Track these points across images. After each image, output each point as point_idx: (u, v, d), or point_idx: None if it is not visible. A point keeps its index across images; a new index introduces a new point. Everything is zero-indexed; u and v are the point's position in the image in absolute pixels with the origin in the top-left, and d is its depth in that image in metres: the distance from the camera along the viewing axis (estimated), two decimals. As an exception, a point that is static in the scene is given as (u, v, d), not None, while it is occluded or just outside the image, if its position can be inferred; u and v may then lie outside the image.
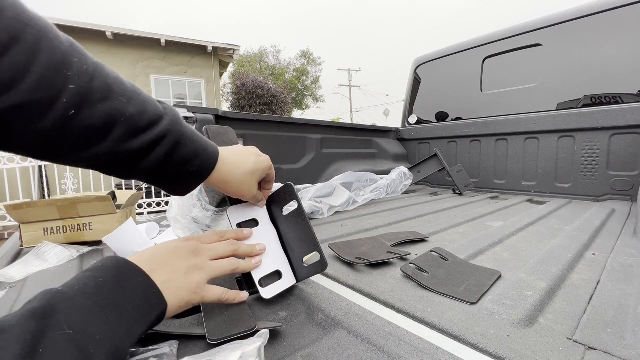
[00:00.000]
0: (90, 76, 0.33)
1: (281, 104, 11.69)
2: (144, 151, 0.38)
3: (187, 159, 0.42)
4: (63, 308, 0.28)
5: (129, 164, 0.38)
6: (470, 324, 0.47)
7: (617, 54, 1.56)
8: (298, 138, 1.82)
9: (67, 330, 0.26)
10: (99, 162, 0.37)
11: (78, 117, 0.32)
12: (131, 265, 0.37)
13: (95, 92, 0.33)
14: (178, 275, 0.40)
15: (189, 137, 0.42)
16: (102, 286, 0.32)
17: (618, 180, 1.58)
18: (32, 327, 0.24)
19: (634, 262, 0.73)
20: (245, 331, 0.43)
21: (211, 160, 0.46)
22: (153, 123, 0.38)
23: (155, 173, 0.41)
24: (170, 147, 0.40)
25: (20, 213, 0.90)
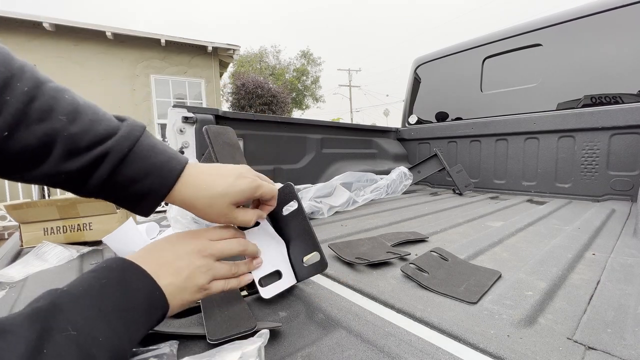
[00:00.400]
0: (30, 97, 0.33)
1: (281, 104, 11.69)
2: (85, 171, 0.36)
3: (135, 179, 0.39)
4: (68, 309, 0.28)
5: (78, 183, 0.38)
6: (470, 324, 0.47)
7: (617, 54, 1.56)
8: (298, 138, 1.82)
9: (71, 332, 0.26)
10: (49, 181, 0.37)
11: (12, 137, 0.32)
12: (135, 268, 0.36)
13: (32, 114, 0.33)
14: (183, 278, 0.39)
15: (139, 154, 0.39)
16: (106, 288, 0.32)
17: (618, 180, 1.58)
18: (37, 328, 0.25)
19: (634, 262, 0.73)
20: (245, 331, 0.43)
21: (167, 180, 0.41)
22: (97, 142, 0.36)
23: (107, 192, 0.40)
24: (112, 166, 0.37)
25: (20, 213, 0.90)
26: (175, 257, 0.41)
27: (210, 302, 0.51)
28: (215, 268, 0.43)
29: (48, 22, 6.04)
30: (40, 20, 5.99)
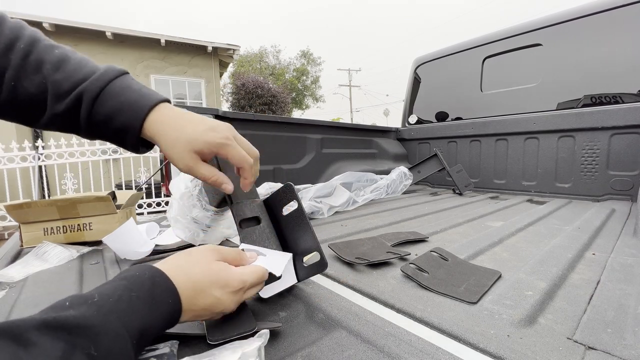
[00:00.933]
0: (25, 53, 0.40)
1: (281, 104, 11.68)
2: (70, 111, 0.42)
3: (110, 115, 0.43)
4: (94, 325, 0.27)
5: (73, 124, 0.43)
6: (470, 324, 0.47)
7: (617, 54, 1.56)
8: (298, 138, 1.82)
9: (92, 352, 0.26)
10: (55, 125, 0.44)
11: (18, 87, 0.40)
12: (166, 283, 0.36)
13: (28, 66, 0.40)
14: (215, 305, 0.40)
15: (112, 93, 0.42)
16: (135, 304, 0.32)
17: (618, 180, 1.58)
18: (61, 346, 0.24)
19: (634, 262, 0.73)
20: (245, 332, 0.43)
21: (137, 114, 0.43)
22: (75, 85, 0.41)
23: (96, 130, 0.44)
24: (88, 105, 0.41)
25: (20, 213, 0.90)
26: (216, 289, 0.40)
27: None
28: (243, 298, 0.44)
29: (48, 22, 6.05)
30: (40, 20, 5.99)
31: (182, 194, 0.75)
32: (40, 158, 4.17)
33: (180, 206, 0.75)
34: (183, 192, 0.75)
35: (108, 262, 0.79)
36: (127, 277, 0.35)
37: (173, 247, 0.87)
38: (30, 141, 4.78)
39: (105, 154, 4.55)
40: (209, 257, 0.43)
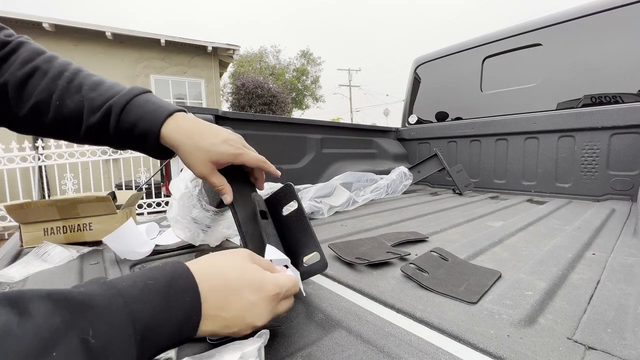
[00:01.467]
0: (70, 79, 0.50)
1: (281, 104, 11.68)
2: (102, 122, 0.50)
3: (134, 123, 0.50)
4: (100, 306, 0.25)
5: (104, 135, 0.51)
6: (470, 324, 0.47)
7: (617, 53, 1.56)
8: (298, 138, 1.82)
9: (90, 339, 0.23)
10: (90, 138, 0.52)
11: (62, 105, 0.49)
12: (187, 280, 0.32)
13: (71, 88, 0.50)
14: (248, 312, 0.36)
15: (135, 105, 0.50)
16: (148, 293, 0.29)
17: (618, 180, 1.58)
18: (55, 322, 0.22)
19: (634, 262, 0.73)
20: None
21: (156, 121, 0.50)
22: (106, 101, 0.50)
23: (123, 138, 0.51)
24: (116, 115, 0.49)
25: (20, 213, 0.90)
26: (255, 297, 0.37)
27: None
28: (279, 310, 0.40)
29: (48, 22, 6.05)
30: (40, 21, 5.99)
31: (182, 194, 0.75)
32: (40, 158, 4.17)
33: (180, 206, 0.75)
34: (183, 193, 0.75)
35: (108, 262, 0.79)
36: (149, 267, 0.32)
37: (173, 247, 0.87)
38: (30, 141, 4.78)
39: (105, 154, 4.55)
40: (245, 257, 0.40)
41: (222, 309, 0.34)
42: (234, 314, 0.35)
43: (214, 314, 0.33)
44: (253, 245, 0.56)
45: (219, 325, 0.34)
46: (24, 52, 0.50)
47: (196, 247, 0.87)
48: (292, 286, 0.42)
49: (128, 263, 0.78)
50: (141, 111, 0.50)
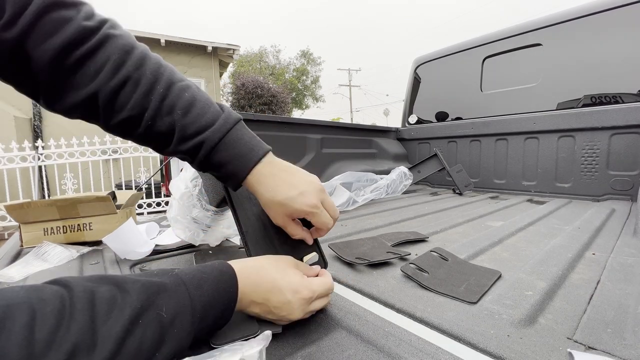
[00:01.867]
0: (163, 97, 0.46)
1: (281, 104, 11.68)
2: (191, 152, 0.49)
3: (222, 163, 0.49)
4: (171, 290, 0.34)
5: (191, 160, 0.51)
6: (470, 324, 0.47)
7: (617, 53, 1.56)
8: (298, 138, 1.82)
9: (162, 314, 0.31)
10: (178, 154, 0.51)
11: (154, 125, 0.47)
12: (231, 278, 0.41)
13: (164, 109, 0.46)
14: (285, 306, 0.44)
15: (227, 144, 0.49)
16: (204, 283, 0.37)
17: (618, 180, 1.58)
18: (143, 298, 0.31)
19: (634, 261, 0.73)
20: (248, 335, 0.43)
21: (243, 169, 0.50)
22: (199, 132, 0.47)
23: (206, 169, 0.52)
24: (206, 152, 0.48)
25: (20, 213, 0.90)
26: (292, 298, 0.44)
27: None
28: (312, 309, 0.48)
29: (48, 22, 6.03)
30: (40, 20, 5.98)
31: (182, 194, 0.75)
32: (40, 158, 4.17)
33: (180, 206, 0.75)
34: (183, 192, 0.75)
35: (108, 262, 0.79)
36: (203, 265, 0.41)
37: (173, 247, 0.87)
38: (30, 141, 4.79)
39: (105, 154, 4.55)
40: (289, 263, 0.49)
41: (265, 299, 0.43)
42: (274, 306, 0.43)
43: (259, 301, 0.43)
44: (253, 244, 0.56)
45: (261, 310, 0.43)
46: (113, 52, 0.43)
47: (196, 246, 0.86)
48: (325, 290, 0.48)
49: (128, 263, 0.78)
50: (232, 153, 0.49)
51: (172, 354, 0.32)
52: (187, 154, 0.49)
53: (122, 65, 0.44)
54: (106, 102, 0.44)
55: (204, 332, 0.37)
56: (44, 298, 0.26)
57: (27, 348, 0.22)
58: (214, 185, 0.74)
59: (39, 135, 5.84)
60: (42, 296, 0.26)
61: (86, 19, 0.42)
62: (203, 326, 0.36)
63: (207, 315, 0.36)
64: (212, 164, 0.50)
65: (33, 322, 0.23)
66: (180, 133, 0.47)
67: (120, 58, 0.43)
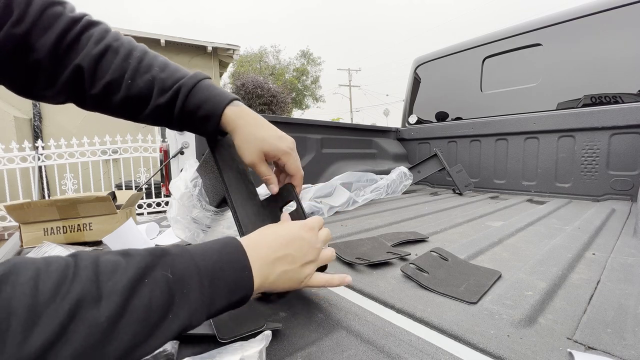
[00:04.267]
0: (140, 59, 0.52)
1: (281, 104, 11.68)
2: (170, 103, 0.53)
3: (199, 105, 0.53)
4: (175, 254, 0.34)
5: (168, 115, 0.54)
6: (470, 324, 0.47)
7: (617, 53, 1.56)
8: (298, 138, 1.81)
9: (168, 274, 0.31)
10: (153, 117, 0.55)
11: (133, 83, 0.51)
12: (236, 245, 0.40)
13: (142, 68, 0.52)
14: (295, 267, 0.44)
15: (201, 88, 0.54)
16: (207, 252, 0.37)
17: (618, 180, 1.58)
18: (148, 260, 0.31)
19: (634, 262, 0.73)
20: (255, 329, 0.43)
21: (220, 104, 0.54)
22: (176, 81, 0.53)
23: (185, 119, 0.55)
24: (184, 96, 0.53)
25: (20, 213, 0.90)
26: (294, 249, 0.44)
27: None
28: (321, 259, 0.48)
29: (48, 22, 6.03)
30: (40, 21, 5.98)
31: (182, 194, 0.75)
32: (40, 158, 4.17)
33: (180, 206, 0.75)
34: (183, 193, 0.75)
35: (108, 262, 0.79)
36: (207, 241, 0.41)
37: (173, 247, 0.87)
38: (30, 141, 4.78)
39: (105, 154, 4.55)
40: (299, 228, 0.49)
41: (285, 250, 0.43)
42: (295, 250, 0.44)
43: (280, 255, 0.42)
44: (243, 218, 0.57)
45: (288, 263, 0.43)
46: (94, 31, 0.50)
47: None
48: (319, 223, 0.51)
49: (128, 263, 0.78)
50: (207, 94, 0.54)
51: (187, 318, 0.31)
52: (167, 106, 0.53)
53: (102, 39, 0.50)
54: (90, 70, 0.50)
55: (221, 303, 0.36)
56: (49, 261, 0.27)
57: (32, 297, 0.23)
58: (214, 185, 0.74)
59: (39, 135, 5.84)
60: (47, 260, 0.27)
61: (71, 12, 0.50)
62: (216, 294, 0.35)
63: (216, 279, 0.35)
64: (190, 110, 0.53)
65: (37, 277, 0.24)
66: (159, 85, 0.52)
67: (100, 34, 0.51)
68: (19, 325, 0.22)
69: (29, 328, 0.22)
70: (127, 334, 0.27)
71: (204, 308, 0.33)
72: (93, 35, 0.50)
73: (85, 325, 0.24)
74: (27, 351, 0.21)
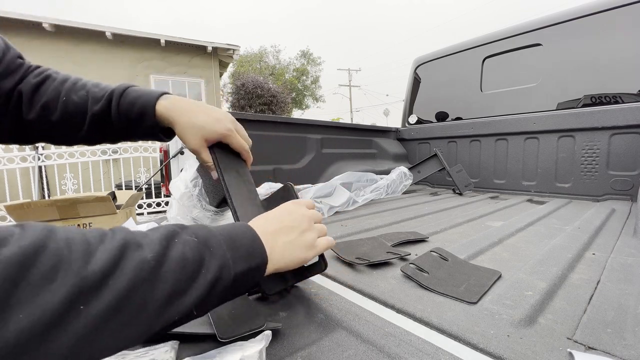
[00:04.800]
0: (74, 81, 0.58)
1: (281, 104, 11.68)
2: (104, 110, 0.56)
3: (131, 103, 0.56)
4: (191, 228, 0.36)
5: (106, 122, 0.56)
6: (470, 324, 0.47)
7: (617, 53, 1.56)
8: (298, 138, 1.82)
9: (194, 238, 0.34)
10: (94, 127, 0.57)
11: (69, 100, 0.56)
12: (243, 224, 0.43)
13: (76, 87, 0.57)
14: (295, 236, 0.46)
15: (132, 90, 0.57)
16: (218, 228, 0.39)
17: (618, 180, 1.58)
18: (171, 228, 0.34)
19: (634, 262, 0.73)
20: (255, 329, 0.43)
21: (152, 98, 0.56)
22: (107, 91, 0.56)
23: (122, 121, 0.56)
24: (117, 99, 0.56)
25: (21, 213, 0.90)
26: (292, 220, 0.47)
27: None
28: (317, 229, 0.50)
29: (48, 23, 6.04)
30: (40, 21, 5.98)
31: (182, 195, 0.75)
32: (40, 158, 4.16)
33: (180, 206, 0.75)
34: (183, 193, 0.75)
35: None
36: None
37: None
38: (30, 141, 4.77)
39: (105, 154, 4.55)
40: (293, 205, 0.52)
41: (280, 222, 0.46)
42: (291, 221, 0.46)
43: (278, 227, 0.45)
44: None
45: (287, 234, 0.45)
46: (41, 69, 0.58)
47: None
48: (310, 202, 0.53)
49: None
50: (139, 92, 0.57)
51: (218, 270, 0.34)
52: (103, 113, 0.56)
53: (43, 72, 0.57)
54: (28, 95, 0.54)
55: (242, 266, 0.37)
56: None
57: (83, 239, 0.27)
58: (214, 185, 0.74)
59: (39, 135, 5.82)
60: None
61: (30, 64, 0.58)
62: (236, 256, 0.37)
63: (234, 244, 0.37)
64: (124, 110, 0.56)
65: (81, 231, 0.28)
66: (93, 97, 0.56)
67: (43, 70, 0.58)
68: (79, 253, 0.25)
69: (87, 257, 0.26)
70: (170, 279, 0.30)
71: (230, 264, 0.36)
72: (36, 70, 0.57)
73: (136, 261, 0.28)
74: (92, 270, 0.25)
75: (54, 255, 0.24)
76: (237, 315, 0.46)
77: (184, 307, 0.31)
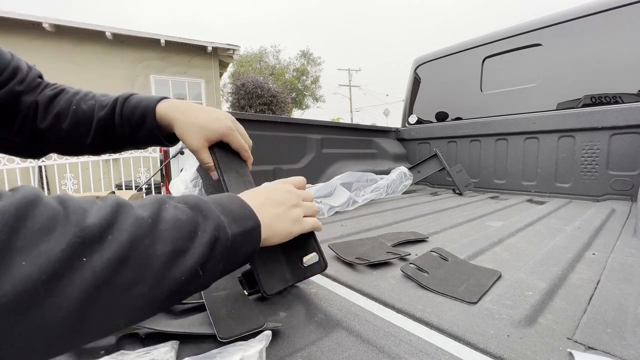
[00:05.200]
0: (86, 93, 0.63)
1: (281, 104, 11.67)
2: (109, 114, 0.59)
3: (134, 106, 0.58)
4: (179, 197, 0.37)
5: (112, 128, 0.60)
6: (470, 324, 0.47)
7: (617, 53, 1.56)
8: (298, 138, 1.82)
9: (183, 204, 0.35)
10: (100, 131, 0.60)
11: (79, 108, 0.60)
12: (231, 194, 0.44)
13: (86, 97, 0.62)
14: (283, 209, 0.47)
15: (135, 96, 0.60)
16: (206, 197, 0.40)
17: (618, 180, 1.58)
18: (159, 196, 0.34)
19: (634, 262, 0.73)
20: (255, 329, 0.43)
21: (151, 102, 0.59)
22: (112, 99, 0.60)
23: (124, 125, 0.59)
24: (121, 104, 0.59)
25: (21, 213, 0.90)
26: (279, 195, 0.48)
27: (215, 302, 0.51)
28: (305, 206, 0.51)
29: (48, 23, 6.04)
30: (40, 21, 5.98)
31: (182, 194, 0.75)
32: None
33: (180, 206, 0.75)
34: (183, 193, 0.75)
35: (108, 262, 0.79)
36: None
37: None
38: (30, 141, 4.77)
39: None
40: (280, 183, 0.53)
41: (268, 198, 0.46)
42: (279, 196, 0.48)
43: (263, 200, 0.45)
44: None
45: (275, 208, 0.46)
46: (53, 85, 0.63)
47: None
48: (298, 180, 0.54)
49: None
50: (141, 98, 0.60)
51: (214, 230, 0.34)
52: (108, 118, 0.59)
53: (58, 86, 0.62)
54: (44, 105, 0.58)
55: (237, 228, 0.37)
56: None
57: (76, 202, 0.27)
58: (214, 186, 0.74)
59: (39, 135, 5.82)
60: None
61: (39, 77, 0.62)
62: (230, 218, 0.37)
63: (225, 208, 0.38)
64: (127, 114, 0.59)
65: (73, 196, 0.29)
66: (99, 104, 0.60)
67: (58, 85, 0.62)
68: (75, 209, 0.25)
69: (84, 212, 0.26)
70: (169, 237, 0.30)
71: (225, 225, 0.36)
72: (52, 85, 0.62)
73: (132, 217, 0.28)
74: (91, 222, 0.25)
75: (50, 209, 0.24)
76: (237, 315, 0.46)
77: (188, 266, 0.31)
